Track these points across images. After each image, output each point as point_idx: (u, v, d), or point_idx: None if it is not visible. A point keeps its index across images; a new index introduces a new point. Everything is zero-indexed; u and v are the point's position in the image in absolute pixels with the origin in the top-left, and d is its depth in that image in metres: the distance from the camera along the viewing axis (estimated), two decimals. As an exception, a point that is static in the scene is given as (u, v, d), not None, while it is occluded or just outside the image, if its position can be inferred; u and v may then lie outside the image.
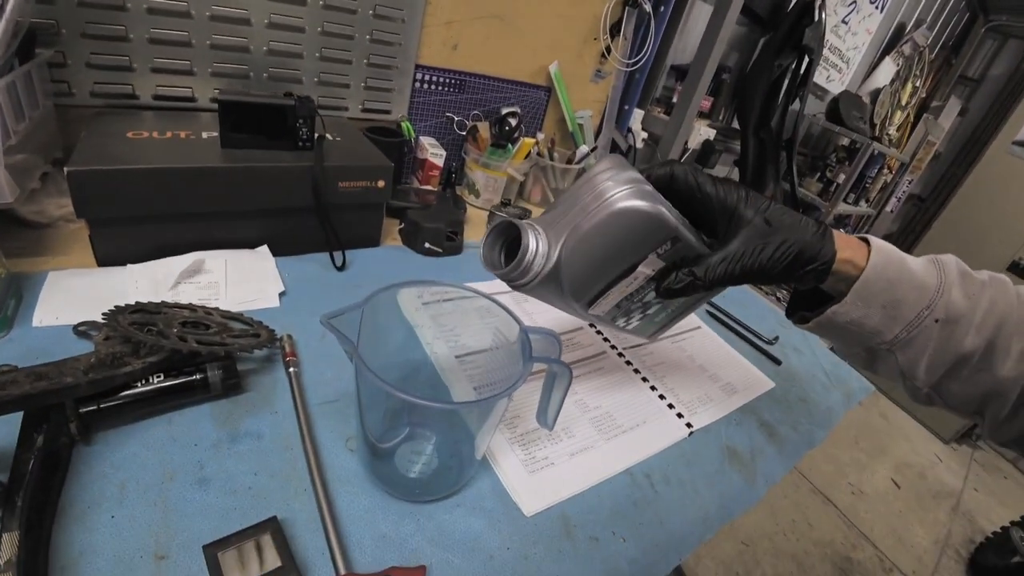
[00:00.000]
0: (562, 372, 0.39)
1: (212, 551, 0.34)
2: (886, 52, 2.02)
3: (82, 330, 0.49)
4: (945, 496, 2.08)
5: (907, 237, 2.74)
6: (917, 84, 2.20)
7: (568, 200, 0.38)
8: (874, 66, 2.02)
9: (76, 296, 0.52)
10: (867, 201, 2.42)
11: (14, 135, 0.52)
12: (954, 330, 0.39)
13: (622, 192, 0.36)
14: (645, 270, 0.42)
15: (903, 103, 2.19)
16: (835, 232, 0.42)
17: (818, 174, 2.26)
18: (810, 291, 0.47)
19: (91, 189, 0.52)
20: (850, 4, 1.64)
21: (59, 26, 0.62)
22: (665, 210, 0.38)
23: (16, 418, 0.36)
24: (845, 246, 0.41)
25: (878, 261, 0.40)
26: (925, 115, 2.37)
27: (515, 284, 0.39)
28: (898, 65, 2.07)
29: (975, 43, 2.37)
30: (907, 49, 2.06)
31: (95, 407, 0.39)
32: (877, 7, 1.76)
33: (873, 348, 0.43)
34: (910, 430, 2.44)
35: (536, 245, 0.37)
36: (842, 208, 2.21)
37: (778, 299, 1.34)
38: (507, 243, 0.40)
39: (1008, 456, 2.42)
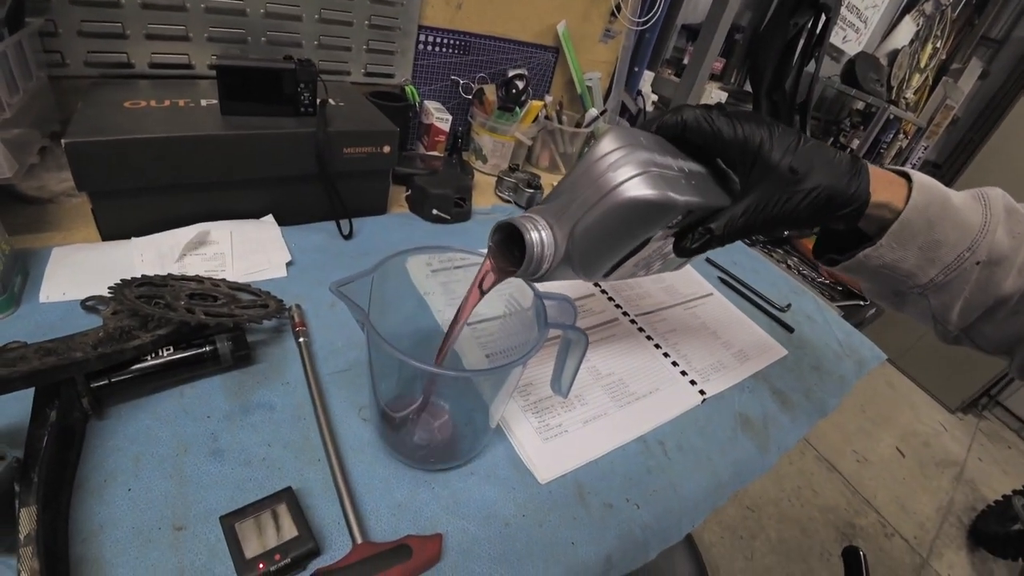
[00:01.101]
0: (578, 338, 0.38)
1: (229, 521, 0.34)
2: (906, 11, 1.93)
3: (90, 305, 0.48)
4: (949, 465, 2.09)
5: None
6: (937, 45, 2.11)
7: (572, 186, 0.36)
8: (893, 25, 1.94)
9: (82, 271, 0.51)
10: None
11: (8, 108, 0.51)
12: (994, 272, 0.37)
13: (627, 180, 0.34)
14: (660, 240, 0.40)
15: (922, 65, 2.11)
16: (872, 169, 0.38)
17: (831, 139, 2.20)
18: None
19: (90, 161, 0.51)
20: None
21: (48, -9, 0.60)
22: (674, 194, 0.35)
23: (29, 395, 0.36)
24: (882, 186, 0.37)
25: (919, 200, 0.37)
26: (944, 78, 2.29)
27: (532, 278, 0.38)
28: (918, 25, 1.99)
29: (999, 2, 2.27)
30: (928, 7, 1.97)
31: (106, 381, 0.39)
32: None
33: (903, 292, 0.41)
34: (916, 399, 2.44)
35: (540, 240, 0.35)
36: (855, 174, 2.15)
37: (788, 267, 1.32)
38: (511, 239, 0.37)
39: (1012, 427, 2.42)
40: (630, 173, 0.34)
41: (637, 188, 0.33)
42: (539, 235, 0.35)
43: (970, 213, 0.37)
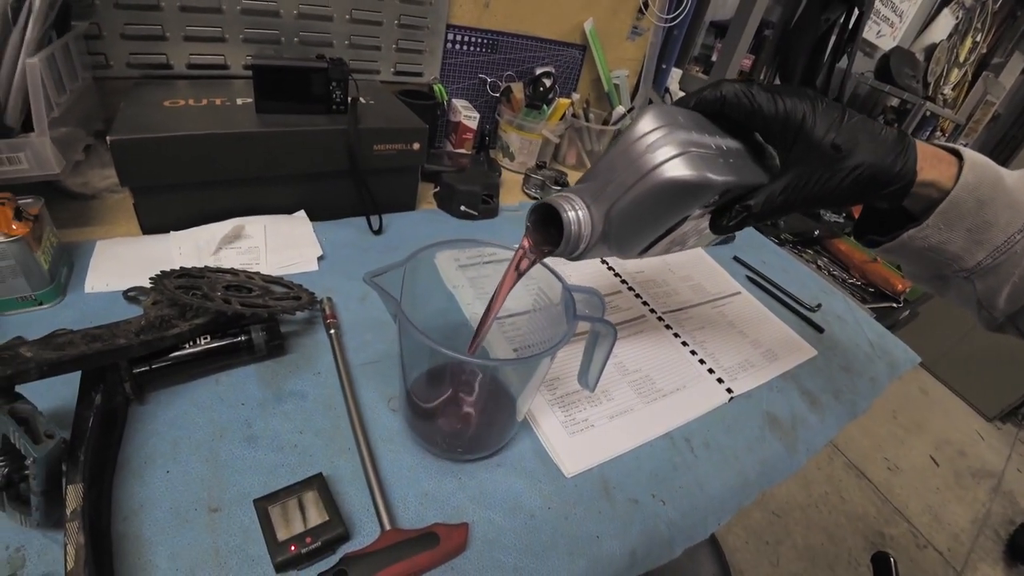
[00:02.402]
0: (607, 331, 0.38)
1: (263, 505, 0.35)
2: (944, 3, 1.87)
3: (132, 295, 0.50)
4: (986, 475, 2.02)
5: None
6: (978, 39, 2.04)
7: (609, 166, 0.36)
8: (930, 19, 1.88)
9: (124, 263, 0.53)
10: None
11: (56, 107, 0.53)
12: None
13: (665, 162, 0.34)
14: (696, 218, 0.40)
15: (961, 60, 2.04)
16: (920, 145, 0.36)
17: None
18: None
19: (133, 157, 0.53)
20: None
21: (94, -4, 0.62)
22: (712, 174, 0.34)
23: (75, 380, 0.37)
24: (930, 164, 0.36)
25: (969, 179, 0.35)
26: (985, 73, 2.20)
27: (569, 257, 0.38)
28: (957, 18, 1.92)
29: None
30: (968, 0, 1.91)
31: (147, 367, 0.40)
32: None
33: (947, 276, 0.39)
34: (951, 406, 2.36)
35: (577, 219, 0.36)
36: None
37: (819, 267, 1.29)
38: (548, 219, 0.38)
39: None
40: (668, 154, 0.33)
41: (675, 169, 0.33)
42: (576, 214, 0.36)
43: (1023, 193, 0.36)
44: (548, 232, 0.38)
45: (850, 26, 1.25)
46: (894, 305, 1.24)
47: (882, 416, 2.15)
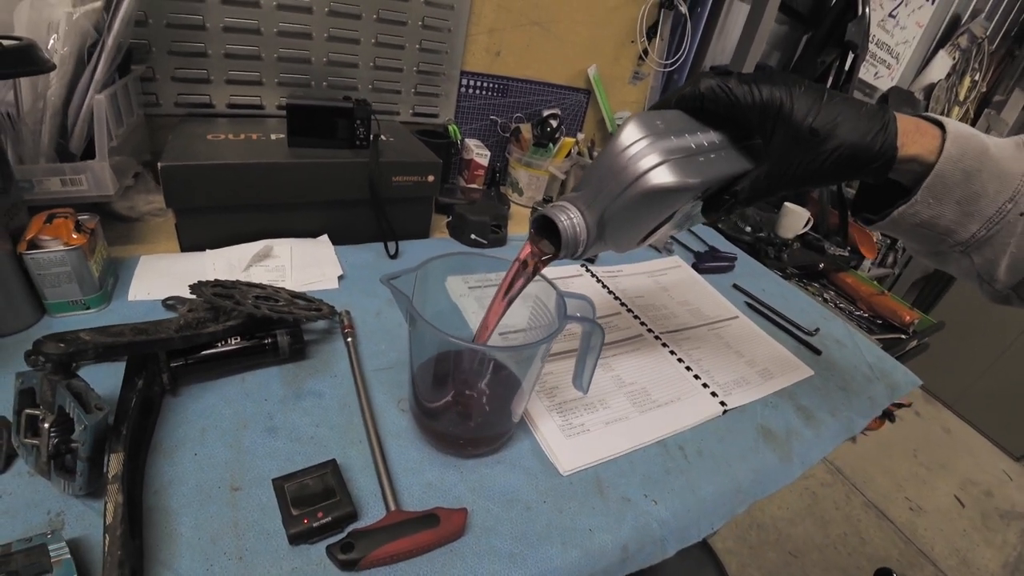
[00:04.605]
0: (595, 331, 0.42)
1: (280, 483, 0.39)
2: (940, 45, 1.94)
3: (170, 304, 0.55)
4: (1015, 517, 1.94)
5: (970, 242, 2.59)
6: (976, 78, 2.10)
7: (598, 177, 0.39)
8: (927, 60, 1.95)
9: (164, 275, 0.59)
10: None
11: (115, 138, 0.60)
12: None
13: (647, 172, 0.36)
14: (687, 208, 0.42)
15: (961, 98, 2.10)
16: (902, 119, 0.37)
17: (867, 176, 2.18)
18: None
19: (179, 182, 0.59)
20: (899, -1, 1.60)
21: (150, 45, 0.71)
22: (693, 178, 0.37)
23: (119, 371, 0.42)
24: (912, 139, 0.36)
25: (953, 151, 0.35)
26: (987, 110, 2.25)
27: (572, 257, 0.42)
28: (954, 59, 1.99)
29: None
30: (964, 41, 1.97)
31: (183, 361, 0.45)
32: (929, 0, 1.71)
33: (944, 252, 0.39)
34: (975, 445, 2.29)
35: (572, 225, 0.39)
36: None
37: (825, 300, 1.31)
38: (548, 228, 0.41)
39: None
40: (650, 164, 0.36)
41: (657, 177, 0.36)
42: (571, 222, 0.39)
43: (1011, 162, 0.36)
44: (549, 238, 0.42)
45: (846, 68, 1.32)
46: (902, 336, 1.24)
47: (902, 455, 2.09)
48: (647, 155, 0.37)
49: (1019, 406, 2.21)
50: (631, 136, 0.37)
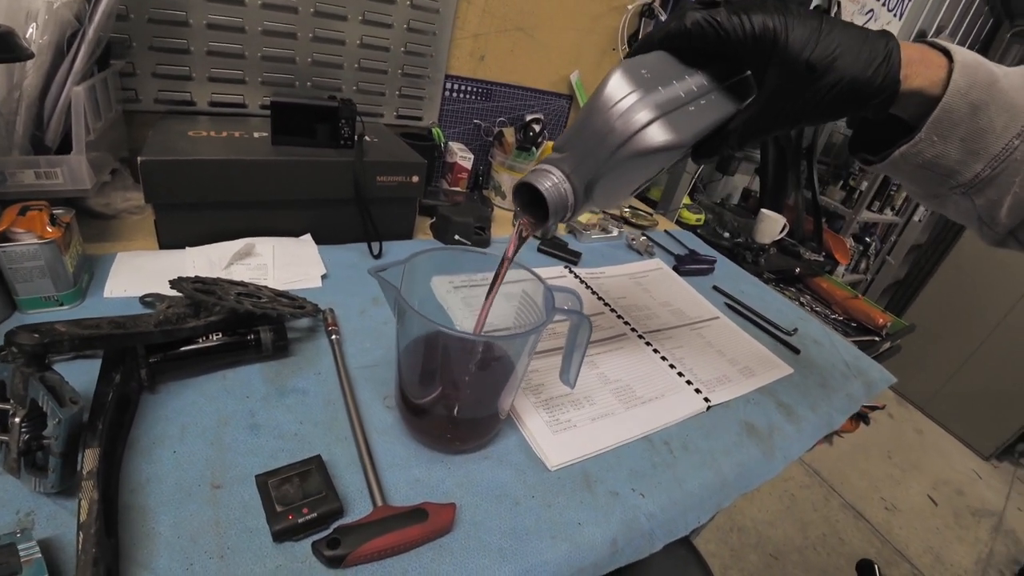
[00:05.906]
0: (582, 323, 0.42)
1: (263, 479, 0.38)
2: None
3: (148, 300, 0.54)
4: (986, 514, 1.99)
5: (937, 247, 2.68)
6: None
7: (583, 136, 0.36)
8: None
9: (142, 272, 0.58)
10: (892, 209, 2.39)
11: (93, 132, 0.59)
12: None
13: (640, 129, 0.34)
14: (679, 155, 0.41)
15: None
16: (906, 47, 0.34)
17: (841, 182, 2.25)
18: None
19: (159, 177, 0.58)
20: (867, 12, 1.66)
21: (131, 40, 0.70)
22: (684, 134, 0.35)
23: (95, 368, 0.41)
24: (916, 70, 0.33)
25: (960, 83, 0.32)
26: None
27: (562, 222, 0.40)
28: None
29: (1000, 49, 2.36)
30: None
31: (161, 356, 0.44)
32: (896, 15, 1.77)
33: (943, 195, 0.37)
34: (946, 445, 2.36)
35: (557, 192, 0.37)
36: (866, 215, 2.19)
37: (801, 304, 1.34)
38: (533, 200, 0.39)
39: (1055, 476, 2.31)
40: (640, 123, 0.34)
41: (650, 138, 0.34)
42: (555, 187, 0.37)
43: (1021, 93, 0.33)
44: (535, 205, 0.39)
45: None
46: (875, 339, 1.28)
47: (877, 456, 2.14)
48: (637, 112, 0.34)
49: (987, 407, 2.28)
50: (618, 91, 0.34)
